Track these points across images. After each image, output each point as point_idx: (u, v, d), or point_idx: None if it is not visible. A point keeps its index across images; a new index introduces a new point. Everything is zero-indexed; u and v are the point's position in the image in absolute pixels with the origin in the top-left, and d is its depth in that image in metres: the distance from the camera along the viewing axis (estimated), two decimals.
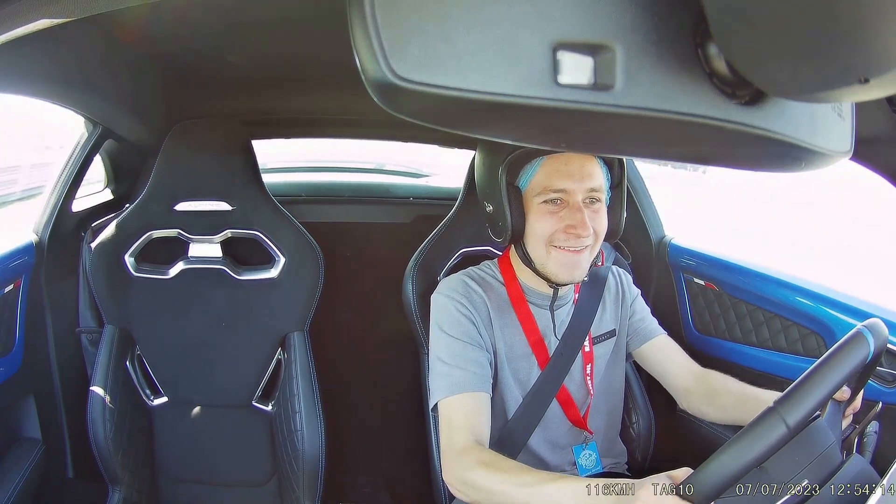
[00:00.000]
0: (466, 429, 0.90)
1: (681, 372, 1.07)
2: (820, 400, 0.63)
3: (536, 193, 0.91)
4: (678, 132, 0.33)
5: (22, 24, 0.52)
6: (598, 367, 1.07)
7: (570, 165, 0.89)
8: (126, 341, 1.31)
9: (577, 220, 0.89)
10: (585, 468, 1.04)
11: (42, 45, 0.89)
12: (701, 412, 1.04)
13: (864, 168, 0.76)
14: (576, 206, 0.89)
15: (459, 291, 0.99)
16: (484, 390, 0.93)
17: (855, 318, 1.09)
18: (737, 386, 1.00)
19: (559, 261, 0.92)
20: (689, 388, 1.05)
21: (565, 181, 0.89)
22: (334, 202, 1.88)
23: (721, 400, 1.00)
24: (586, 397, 1.05)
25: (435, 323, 0.99)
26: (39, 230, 1.31)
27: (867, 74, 0.26)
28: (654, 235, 1.51)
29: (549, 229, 0.90)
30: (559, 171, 0.89)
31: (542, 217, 0.91)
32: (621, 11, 0.29)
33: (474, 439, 0.89)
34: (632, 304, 1.12)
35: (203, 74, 1.32)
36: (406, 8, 0.27)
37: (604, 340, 1.07)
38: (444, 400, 0.93)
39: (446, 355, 0.95)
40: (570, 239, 0.90)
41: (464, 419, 0.91)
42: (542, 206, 0.91)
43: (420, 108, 0.30)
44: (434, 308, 1.00)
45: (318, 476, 1.25)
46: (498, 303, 1.00)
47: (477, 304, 0.98)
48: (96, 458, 1.25)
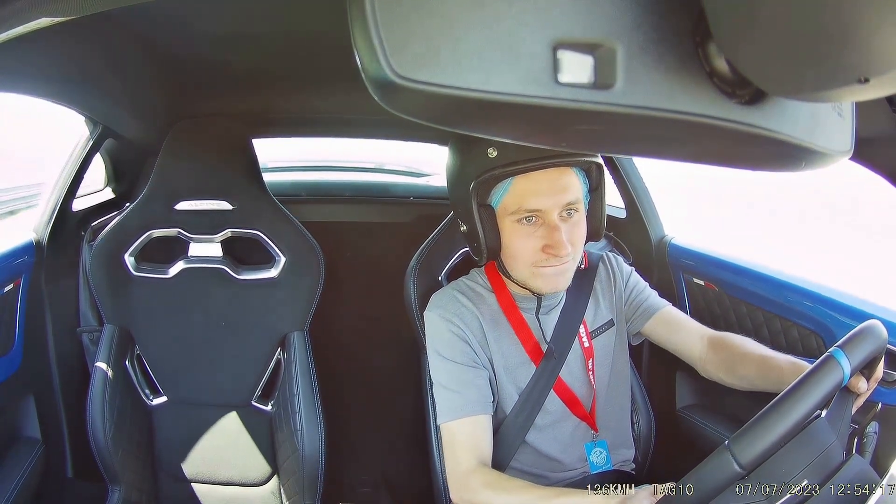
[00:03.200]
0: (469, 451, 0.92)
1: (692, 340, 1.04)
2: (780, 437, 0.62)
3: (510, 213, 0.88)
4: (678, 131, 0.33)
5: (22, 24, 0.52)
6: (600, 360, 1.06)
7: (541, 184, 0.86)
8: (126, 341, 1.31)
9: (555, 241, 0.86)
10: (597, 465, 1.04)
11: (42, 44, 0.89)
12: (722, 380, 1.01)
13: (864, 168, 0.76)
14: (552, 224, 0.87)
15: (451, 310, 0.98)
16: (485, 412, 0.95)
17: (855, 319, 1.09)
18: (757, 353, 0.97)
19: (544, 276, 0.91)
20: (703, 357, 1.02)
21: (539, 200, 0.86)
22: (335, 202, 1.88)
23: (742, 370, 0.97)
24: (590, 392, 1.05)
25: (431, 347, 1.00)
26: (39, 229, 1.31)
27: (867, 74, 0.26)
28: (654, 235, 1.51)
29: (529, 250, 0.89)
30: (531, 189, 0.86)
31: (517, 237, 0.89)
32: (621, 10, 0.29)
33: (477, 461, 0.91)
34: (626, 284, 1.09)
35: (203, 74, 1.32)
36: (406, 6, 0.27)
37: (603, 332, 1.06)
38: (447, 424, 0.95)
39: (445, 380, 0.97)
40: (550, 259, 0.89)
41: (466, 441, 0.93)
42: (515, 226, 0.89)
43: (420, 107, 0.30)
44: (428, 328, 1.01)
45: (318, 476, 1.25)
46: (490, 314, 1.00)
47: (469, 321, 0.98)
48: (96, 457, 1.25)
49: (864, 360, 0.69)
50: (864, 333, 0.71)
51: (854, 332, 0.71)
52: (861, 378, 0.78)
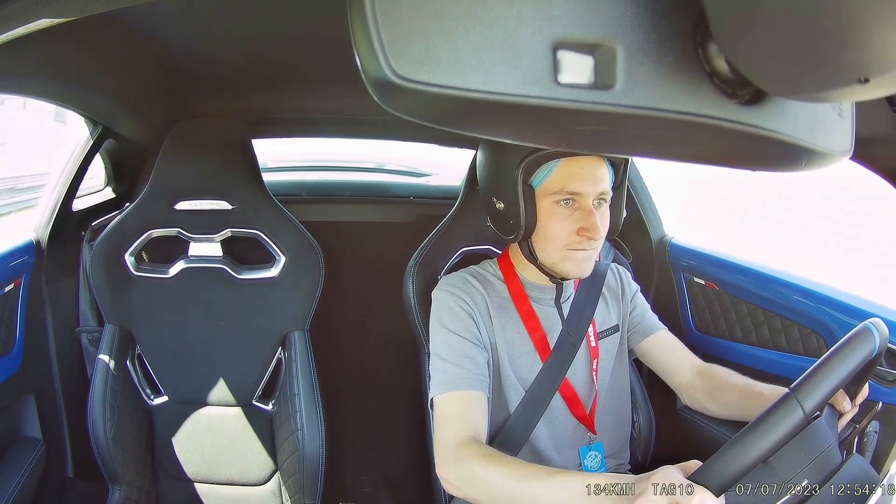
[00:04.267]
0: (463, 424, 0.88)
1: (682, 367, 1.07)
2: (834, 387, 0.64)
3: (550, 193, 0.91)
4: (678, 131, 0.33)
5: (22, 24, 0.52)
6: (605, 363, 1.06)
7: (584, 168, 0.90)
8: (126, 340, 1.31)
9: (590, 224, 0.90)
10: (590, 469, 1.04)
11: (42, 45, 0.89)
12: (704, 408, 1.04)
13: (863, 168, 0.76)
14: (587, 209, 0.91)
15: (460, 287, 1.00)
16: (481, 389, 0.93)
17: (855, 318, 1.09)
18: (740, 381, 1.00)
19: (574, 259, 0.93)
20: (691, 384, 1.05)
21: (580, 184, 0.90)
22: (335, 201, 1.88)
23: (724, 396, 1.00)
24: (591, 393, 1.05)
25: (435, 318, 0.99)
26: (40, 229, 1.31)
27: (867, 74, 0.26)
28: (654, 235, 1.51)
29: (563, 232, 0.91)
30: (574, 173, 0.90)
31: (554, 218, 0.91)
32: (621, 10, 0.29)
33: (471, 435, 0.87)
34: (632, 299, 1.12)
35: (203, 74, 1.32)
36: (406, 7, 0.27)
37: (609, 335, 1.08)
38: (440, 396, 0.92)
39: (444, 351, 0.95)
40: (582, 242, 0.92)
41: (460, 415, 0.90)
42: (553, 207, 0.91)
43: (420, 108, 0.30)
44: (434, 304, 1.01)
45: (318, 475, 1.25)
46: (499, 301, 1.01)
47: (477, 300, 0.99)
48: (96, 457, 1.25)
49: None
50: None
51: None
52: (845, 397, 0.79)
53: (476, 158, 1.26)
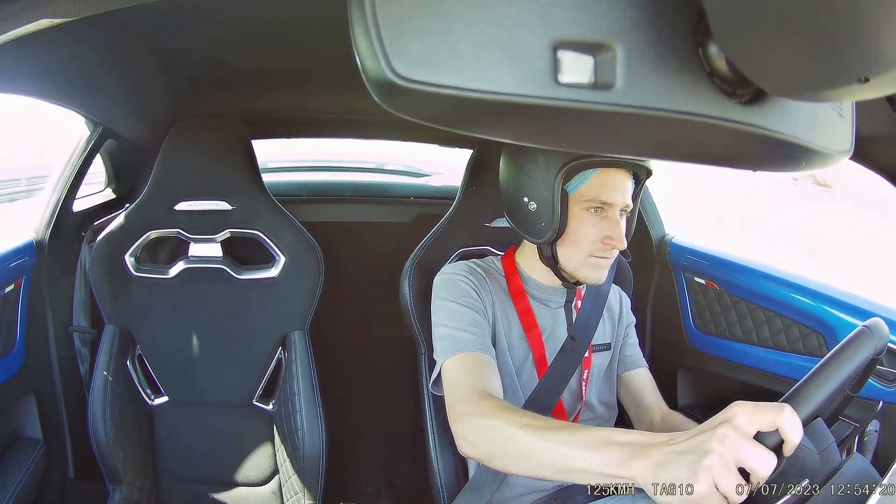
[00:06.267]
0: (479, 381, 0.86)
1: (651, 408, 1.09)
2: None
3: (584, 200, 0.93)
4: (678, 131, 0.33)
5: (22, 24, 0.52)
6: (594, 377, 1.07)
7: (616, 179, 0.92)
8: (126, 341, 1.31)
9: (616, 234, 0.93)
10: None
11: (42, 45, 0.89)
12: None
13: (864, 168, 0.76)
14: (614, 218, 0.93)
15: (465, 271, 1.01)
16: (488, 352, 0.93)
17: (856, 318, 1.09)
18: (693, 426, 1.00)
19: (594, 266, 0.95)
20: (653, 425, 1.07)
21: (612, 194, 0.92)
22: (335, 202, 1.88)
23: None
24: (577, 403, 1.05)
25: (437, 296, 0.99)
26: (40, 230, 1.31)
27: (868, 73, 0.26)
28: (654, 234, 1.51)
29: (590, 239, 0.94)
30: (608, 184, 0.92)
31: (583, 224, 0.93)
32: (621, 10, 0.29)
33: (486, 391, 0.84)
34: (627, 327, 1.14)
35: (203, 74, 1.32)
36: (406, 6, 0.27)
37: (601, 351, 1.09)
38: (449, 360, 0.90)
39: (447, 319, 0.95)
40: (606, 249, 0.94)
41: (473, 376, 0.87)
42: (584, 214, 0.93)
43: (420, 108, 0.30)
44: (436, 286, 1.01)
45: (318, 475, 1.26)
46: (498, 292, 1.02)
47: (482, 282, 1.00)
48: (97, 457, 1.25)
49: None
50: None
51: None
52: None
53: (473, 157, 1.26)
